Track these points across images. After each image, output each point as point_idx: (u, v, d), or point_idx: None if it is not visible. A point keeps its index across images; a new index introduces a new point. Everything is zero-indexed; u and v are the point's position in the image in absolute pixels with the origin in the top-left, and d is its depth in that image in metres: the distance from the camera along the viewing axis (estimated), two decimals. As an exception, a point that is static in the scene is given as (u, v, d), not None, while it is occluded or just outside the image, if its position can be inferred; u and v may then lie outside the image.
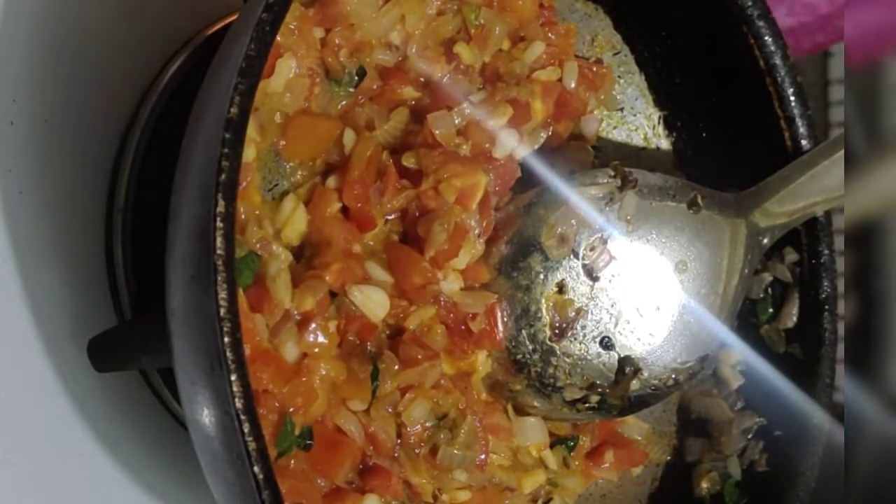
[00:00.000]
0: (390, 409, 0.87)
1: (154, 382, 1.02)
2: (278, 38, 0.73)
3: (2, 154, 0.93)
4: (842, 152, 0.92)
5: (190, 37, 1.05)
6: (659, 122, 1.07)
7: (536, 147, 0.98)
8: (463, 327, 0.91)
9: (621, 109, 1.06)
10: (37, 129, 0.95)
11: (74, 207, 0.99)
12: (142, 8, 1.02)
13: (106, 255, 1.00)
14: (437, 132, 0.89)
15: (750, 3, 0.96)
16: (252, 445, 0.66)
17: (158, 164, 1.00)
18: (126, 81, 1.02)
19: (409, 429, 0.88)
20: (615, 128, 1.07)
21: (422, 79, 0.92)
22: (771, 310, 1.01)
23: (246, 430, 0.66)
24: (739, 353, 1.01)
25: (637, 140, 1.07)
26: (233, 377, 0.65)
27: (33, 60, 0.95)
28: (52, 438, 0.95)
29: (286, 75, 0.84)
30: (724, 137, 1.03)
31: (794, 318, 1.00)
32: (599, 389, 0.95)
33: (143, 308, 1.00)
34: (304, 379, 0.80)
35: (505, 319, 0.93)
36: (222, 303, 0.65)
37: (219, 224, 0.66)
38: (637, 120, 1.07)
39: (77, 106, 0.98)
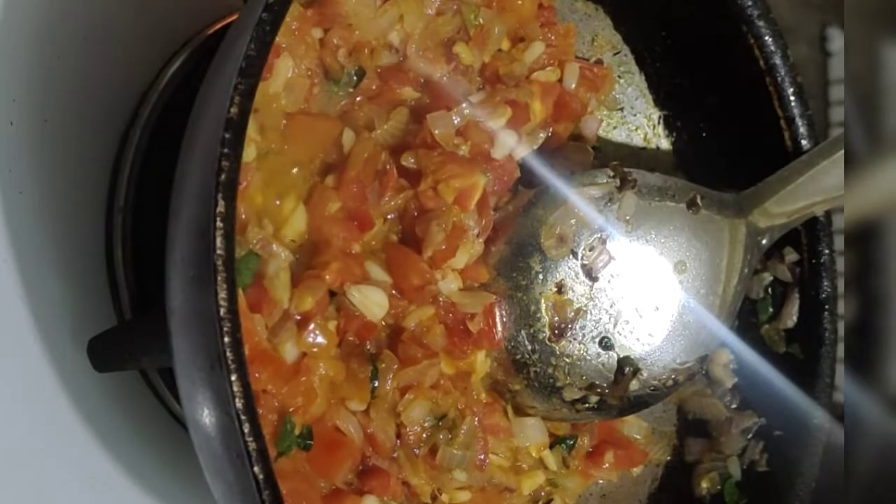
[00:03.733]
0: (390, 410, 0.87)
1: (154, 382, 1.02)
2: (277, 38, 0.73)
3: (2, 154, 0.93)
4: (842, 152, 0.92)
5: (190, 37, 1.05)
6: (659, 122, 1.07)
7: (536, 147, 0.98)
8: (462, 327, 0.91)
9: (621, 109, 1.07)
10: (37, 129, 0.95)
11: (74, 207, 0.99)
12: (142, 8, 1.02)
13: (106, 255, 1.00)
14: (436, 132, 0.89)
15: (750, 3, 0.96)
16: (252, 445, 0.66)
17: (158, 164, 1.00)
18: (126, 81, 1.02)
19: (408, 429, 0.88)
20: (615, 128, 1.07)
21: (421, 79, 0.92)
22: (771, 310, 1.01)
23: (246, 430, 0.66)
24: (731, 353, 1.02)
25: (637, 140, 1.07)
26: (233, 377, 0.65)
27: (33, 60, 0.95)
28: (52, 438, 0.95)
29: (284, 75, 0.84)
30: (724, 137, 1.03)
31: (794, 318, 1.00)
32: (598, 390, 0.95)
33: (143, 308, 1.00)
34: (303, 379, 0.80)
35: (504, 319, 0.93)
36: (222, 303, 0.65)
37: (219, 224, 0.66)
38: (637, 120, 1.07)
39: (77, 106, 0.98)
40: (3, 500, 0.92)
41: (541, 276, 0.93)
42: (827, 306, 0.99)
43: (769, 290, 1.02)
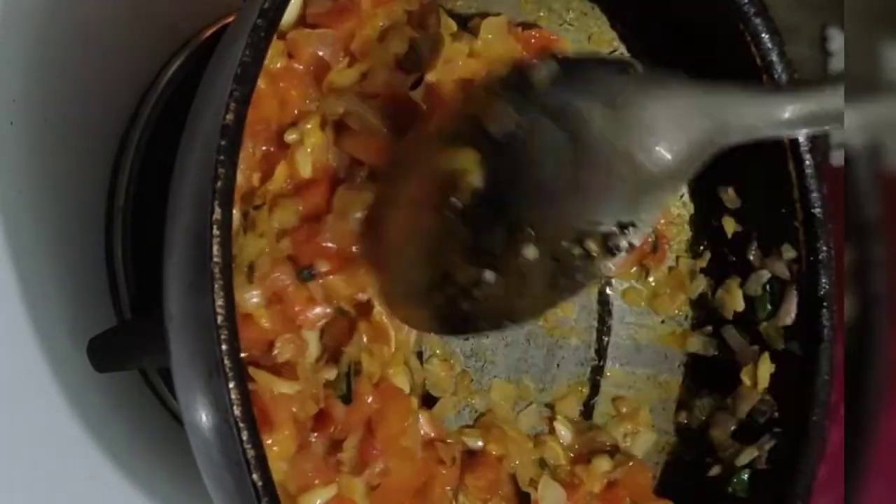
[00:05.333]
0: None
1: (154, 382, 1.02)
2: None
3: (2, 154, 0.93)
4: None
5: (190, 37, 1.05)
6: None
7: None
8: None
9: (619, 107, 1.06)
10: (37, 129, 0.95)
11: (74, 207, 0.99)
12: (141, 8, 1.02)
13: (106, 255, 1.00)
14: None
15: (746, 1, 0.96)
16: (251, 453, 0.66)
17: (158, 164, 1.00)
18: (126, 81, 1.02)
19: None
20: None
21: None
22: (769, 307, 1.01)
23: (244, 438, 0.66)
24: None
25: (634, 137, 1.07)
26: (231, 384, 0.65)
27: (33, 60, 0.95)
28: (52, 438, 0.96)
29: None
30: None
31: (793, 316, 1.00)
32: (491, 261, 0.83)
33: (143, 308, 1.00)
34: None
35: None
36: (220, 310, 0.65)
37: (215, 231, 0.66)
38: (635, 118, 1.07)
39: (77, 106, 0.98)
40: (2, 500, 0.93)
41: None
42: (825, 303, 0.99)
43: (767, 287, 1.02)
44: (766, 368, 1.01)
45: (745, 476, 1.00)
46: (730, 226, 1.04)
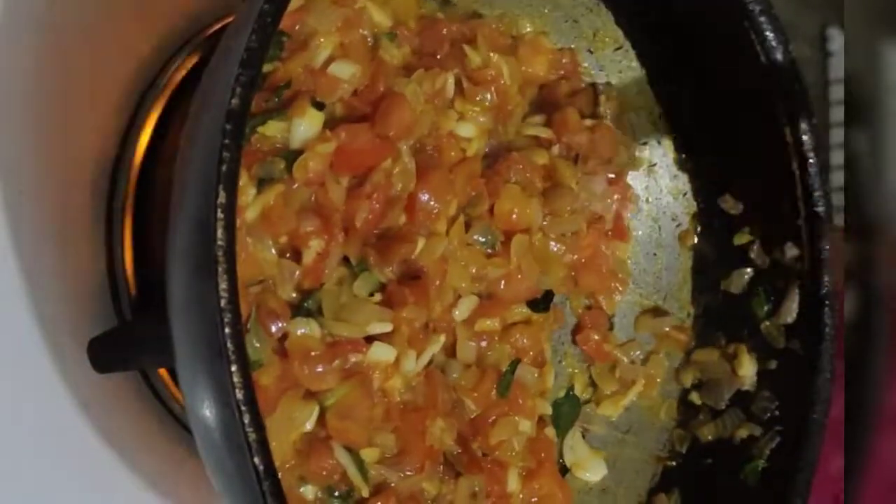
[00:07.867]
0: None
1: (154, 382, 1.02)
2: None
3: (2, 154, 0.93)
4: None
5: (190, 37, 1.05)
6: (660, 118, 1.07)
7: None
8: None
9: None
10: (37, 128, 0.96)
11: (74, 207, 0.99)
12: (142, 8, 1.02)
13: (106, 255, 1.00)
14: None
15: (751, -1, 0.96)
16: (253, 436, 0.66)
17: (158, 163, 1.00)
18: (126, 81, 1.02)
19: None
20: (619, 122, 1.07)
21: None
22: (766, 306, 1.01)
23: (247, 421, 0.66)
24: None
25: (639, 137, 1.08)
26: (233, 368, 0.65)
27: (33, 60, 0.95)
28: (53, 438, 0.96)
29: None
30: (725, 133, 1.03)
31: (795, 314, 1.00)
32: None
33: (143, 308, 1.00)
34: None
35: None
36: (223, 294, 0.65)
37: (220, 215, 0.66)
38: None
39: (77, 105, 0.98)
40: (2, 500, 0.92)
41: None
42: (827, 302, 0.98)
43: (758, 286, 1.02)
44: (747, 363, 1.02)
45: (759, 467, 1.00)
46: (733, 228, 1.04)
